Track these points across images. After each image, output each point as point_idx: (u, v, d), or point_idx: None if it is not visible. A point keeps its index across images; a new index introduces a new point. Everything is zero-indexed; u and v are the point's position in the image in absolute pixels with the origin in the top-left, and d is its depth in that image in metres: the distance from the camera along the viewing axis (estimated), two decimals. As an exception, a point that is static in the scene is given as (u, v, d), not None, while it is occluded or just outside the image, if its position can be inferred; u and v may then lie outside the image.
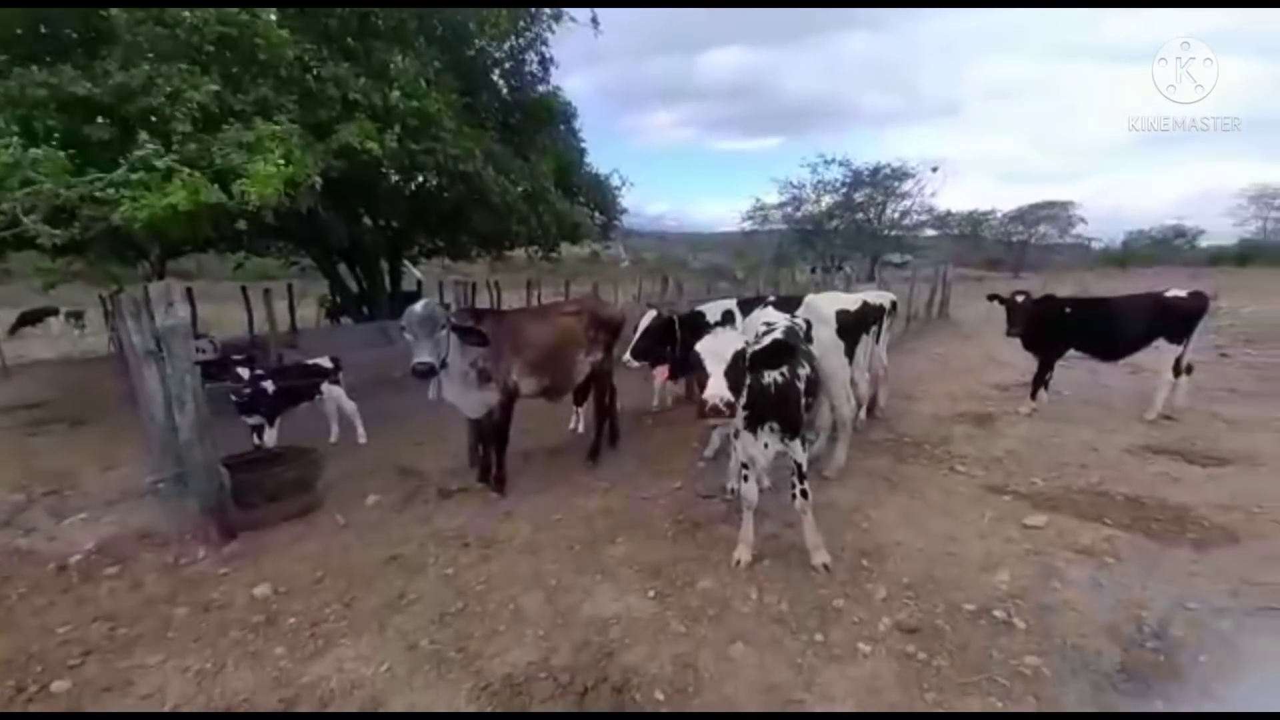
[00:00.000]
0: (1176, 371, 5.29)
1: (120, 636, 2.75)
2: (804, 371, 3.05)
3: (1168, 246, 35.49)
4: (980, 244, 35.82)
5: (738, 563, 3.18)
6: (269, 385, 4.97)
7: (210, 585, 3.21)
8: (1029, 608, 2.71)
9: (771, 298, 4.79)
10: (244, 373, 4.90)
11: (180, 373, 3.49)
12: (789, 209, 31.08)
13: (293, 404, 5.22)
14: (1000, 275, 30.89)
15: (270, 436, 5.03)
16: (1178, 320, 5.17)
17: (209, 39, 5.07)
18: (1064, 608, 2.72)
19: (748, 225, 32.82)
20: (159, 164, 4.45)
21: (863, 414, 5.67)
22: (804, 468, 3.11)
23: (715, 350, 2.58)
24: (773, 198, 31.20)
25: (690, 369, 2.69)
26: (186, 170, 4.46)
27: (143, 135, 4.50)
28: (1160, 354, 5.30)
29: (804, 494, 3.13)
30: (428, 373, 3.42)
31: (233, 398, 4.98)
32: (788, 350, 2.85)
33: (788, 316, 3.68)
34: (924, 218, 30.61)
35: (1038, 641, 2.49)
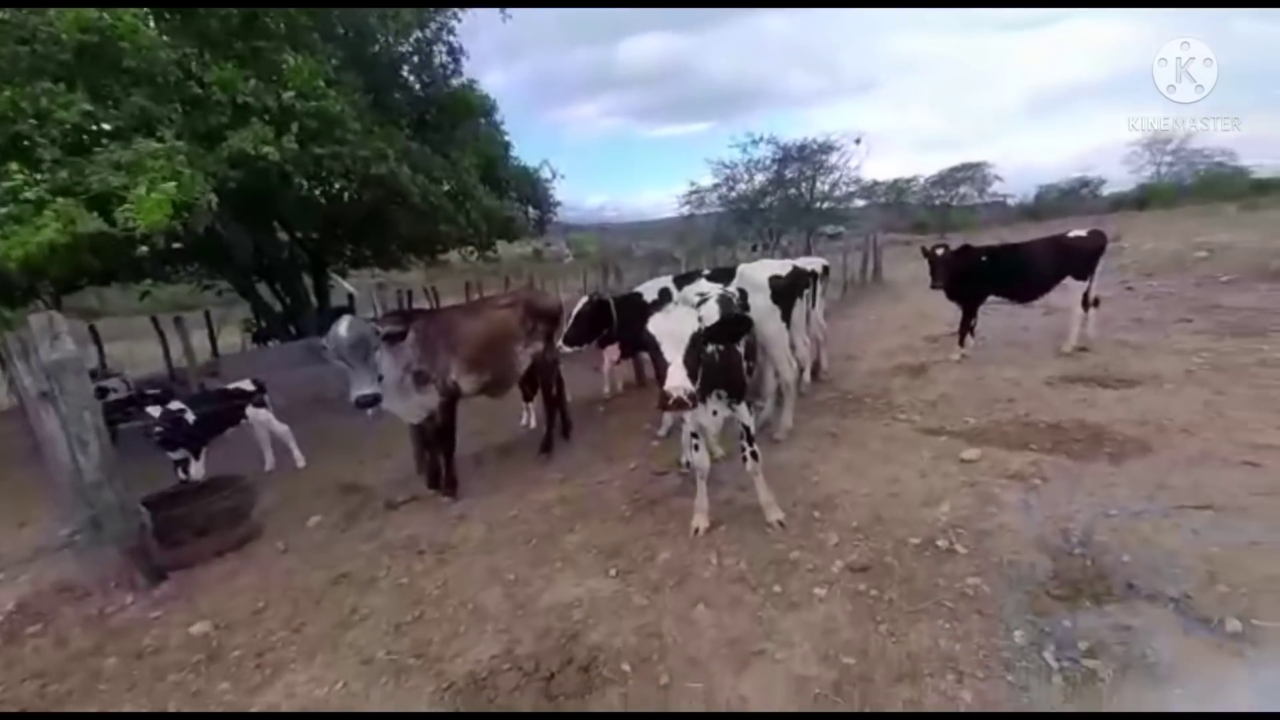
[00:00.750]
0: (1085, 306, 5.69)
1: (51, 694, 2.57)
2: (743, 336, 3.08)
3: (1075, 197, 38.02)
4: (906, 210, 37.35)
5: (696, 531, 3.20)
6: (188, 416, 4.64)
7: (141, 631, 2.99)
8: (968, 534, 2.86)
9: (706, 270, 4.81)
10: (154, 410, 4.56)
11: (77, 410, 3.21)
12: (724, 190, 31.48)
13: (216, 433, 4.90)
14: (928, 238, 32.36)
15: (197, 469, 4.72)
16: (1080, 258, 5.55)
17: (68, 49, 4.62)
18: (1000, 530, 2.87)
19: (686, 209, 33.05)
20: (29, 195, 4.06)
21: (807, 376, 5.82)
22: (752, 430, 3.16)
23: (671, 331, 2.47)
24: (707, 180, 31.49)
25: (643, 349, 2.63)
26: (59, 200, 4.07)
27: (12, 165, 4.09)
28: (1069, 291, 5.68)
29: (754, 455, 3.17)
30: (373, 403, 3.24)
31: (152, 433, 4.64)
32: (744, 323, 2.82)
33: (720, 286, 3.71)
34: (852, 189, 31.54)
35: (977, 564, 2.62)
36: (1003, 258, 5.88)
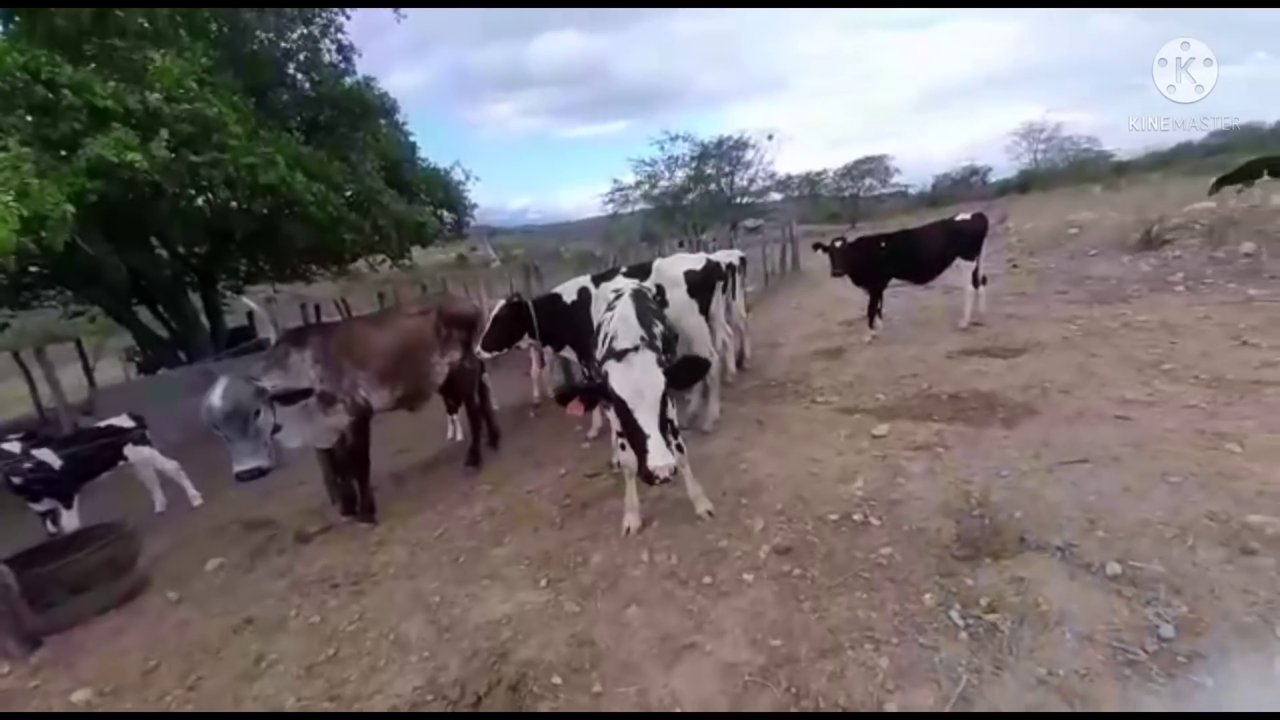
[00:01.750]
0: (975, 283, 6.16)
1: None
2: (659, 330, 3.06)
3: (966, 184, 41.35)
4: (819, 201, 39.30)
5: (628, 531, 3.17)
6: (53, 461, 4.11)
7: (20, 701, 2.68)
8: (880, 505, 3.00)
9: (623, 268, 4.79)
10: (12, 447, 4.02)
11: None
12: (647, 187, 31.86)
13: (88, 477, 4.37)
14: (839, 226, 34.14)
15: (70, 520, 4.20)
16: (967, 239, 6.01)
17: None
18: (908, 499, 3.04)
19: (610, 208, 33.20)
20: None
21: (732, 366, 5.96)
22: (676, 423, 3.16)
23: (642, 391, 2.33)
24: (630, 178, 31.77)
25: (608, 404, 2.46)
26: None
27: None
28: (961, 271, 6.12)
29: (679, 449, 3.17)
30: (257, 477, 2.98)
31: (11, 482, 4.08)
32: (702, 365, 2.75)
33: (635, 282, 3.69)
34: (768, 183, 32.98)
35: (889, 533, 2.76)
36: (899, 243, 6.27)
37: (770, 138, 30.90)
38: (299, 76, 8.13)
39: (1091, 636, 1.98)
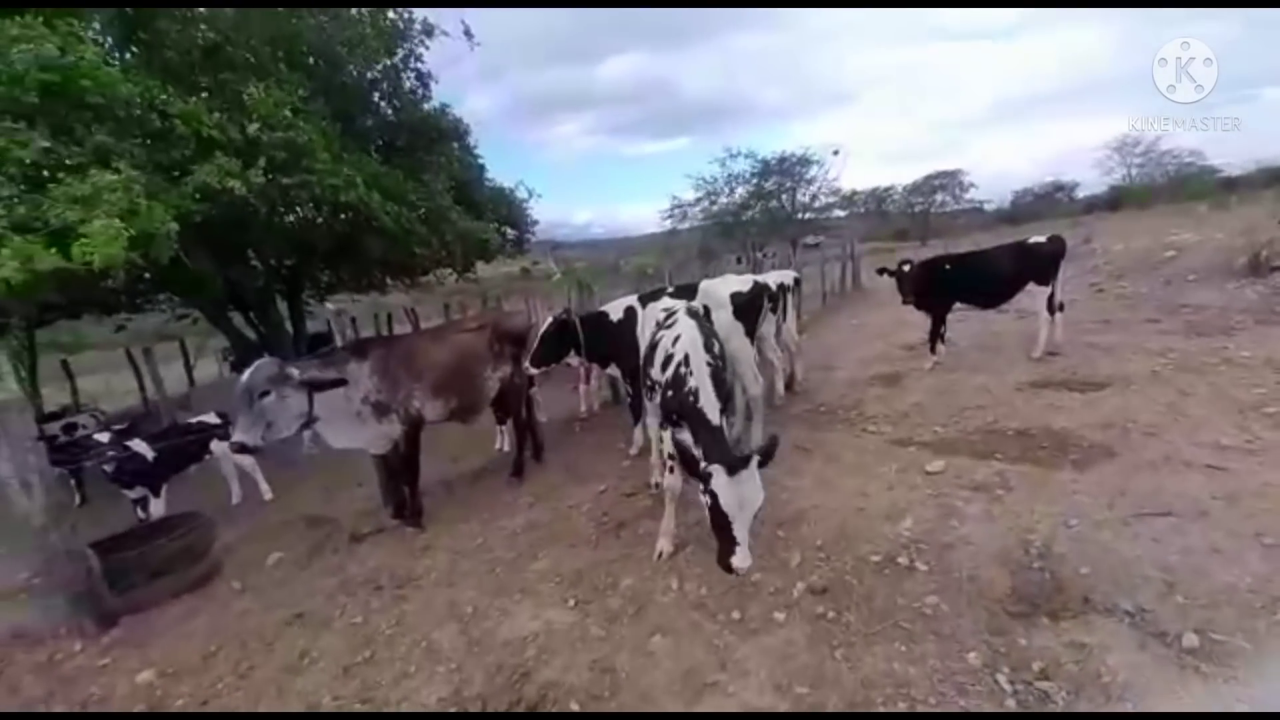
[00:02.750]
0: (1050, 310, 5.73)
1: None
2: (719, 350, 3.04)
3: (1050, 200, 38.75)
4: (887, 218, 37.90)
5: (659, 555, 3.15)
6: (145, 452, 4.54)
7: (89, 679, 2.90)
8: (930, 549, 2.82)
9: (670, 288, 4.80)
10: (103, 438, 4.47)
11: (20, 453, 3.12)
12: (706, 204, 31.84)
13: (177, 469, 4.80)
14: (908, 244, 32.81)
15: (157, 507, 4.62)
16: (1041, 263, 5.61)
17: (30, 89, 4.58)
18: (961, 544, 2.84)
19: (669, 224, 33.39)
20: None
21: (781, 389, 5.82)
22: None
23: (743, 505, 2.32)
24: (689, 194, 31.89)
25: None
26: (18, 237, 4.01)
27: None
28: (1034, 297, 5.73)
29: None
30: (243, 450, 3.22)
31: (109, 471, 4.55)
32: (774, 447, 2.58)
33: (685, 302, 3.70)
34: (832, 199, 32.13)
35: (937, 580, 2.59)
36: (966, 266, 5.93)
37: (836, 153, 30.20)
38: (382, 104, 8.72)
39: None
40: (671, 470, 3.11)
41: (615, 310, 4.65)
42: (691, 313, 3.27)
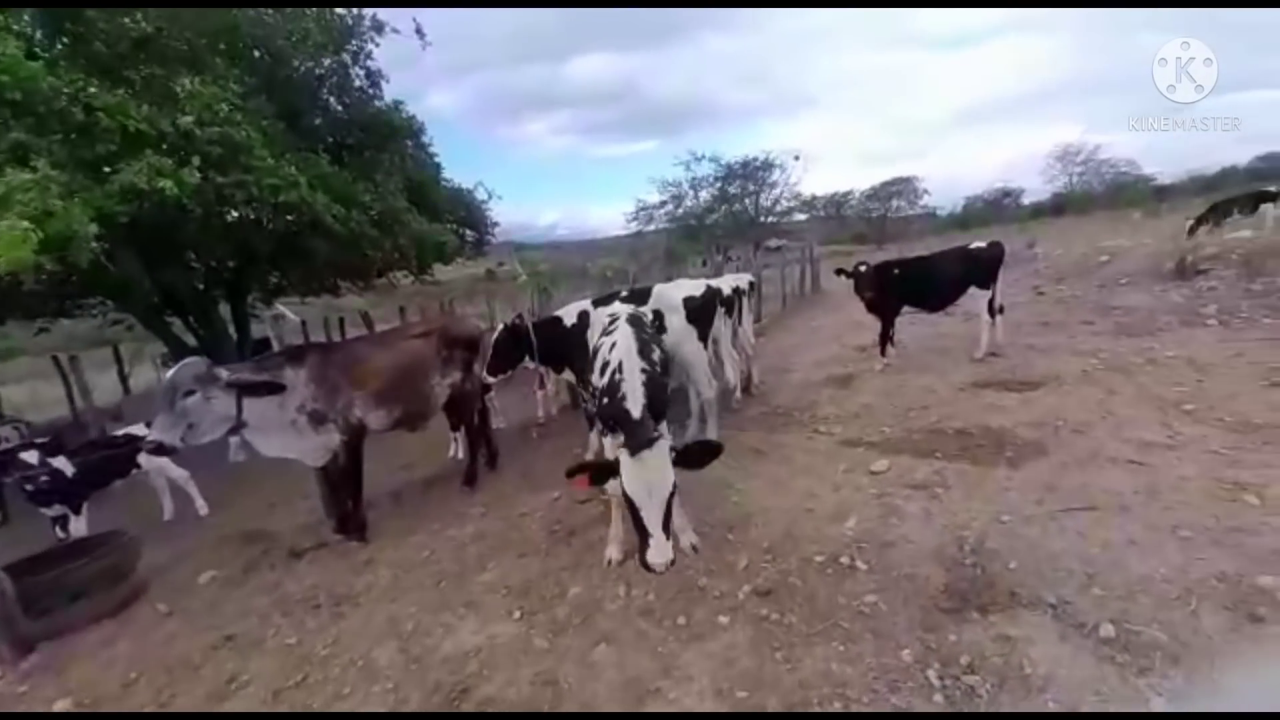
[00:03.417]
0: (991, 312, 5.97)
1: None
2: (658, 356, 3.02)
3: (998, 207, 40.47)
4: (846, 222, 38.90)
5: (609, 563, 3.12)
6: (65, 468, 4.26)
7: (6, 707, 2.75)
8: (871, 548, 2.88)
9: (624, 292, 4.78)
10: (30, 456, 4.18)
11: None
12: (671, 206, 32.06)
13: (101, 485, 4.51)
14: (866, 248, 33.75)
15: (78, 526, 4.34)
16: (982, 267, 5.84)
17: None
18: (901, 542, 2.91)
19: (634, 226, 33.47)
20: None
21: (738, 392, 5.88)
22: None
23: (652, 491, 2.23)
24: (654, 197, 32.05)
25: (607, 479, 2.37)
26: None
27: None
28: (976, 300, 5.95)
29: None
30: (157, 452, 3.07)
31: (26, 489, 4.25)
32: (715, 450, 2.52)
33: (632, 307, 3.68)
34: (793, 203, 32.81)
35: (877, 579, 2.64)
36: (912, 270, 6.13)
37: (796, 158, 30.85)
38: (330, 100, 8.46)
39: (1076, 707, 1.85)
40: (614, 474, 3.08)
41: (569, 315, 4.60)
42: (632, 320, 3.23)
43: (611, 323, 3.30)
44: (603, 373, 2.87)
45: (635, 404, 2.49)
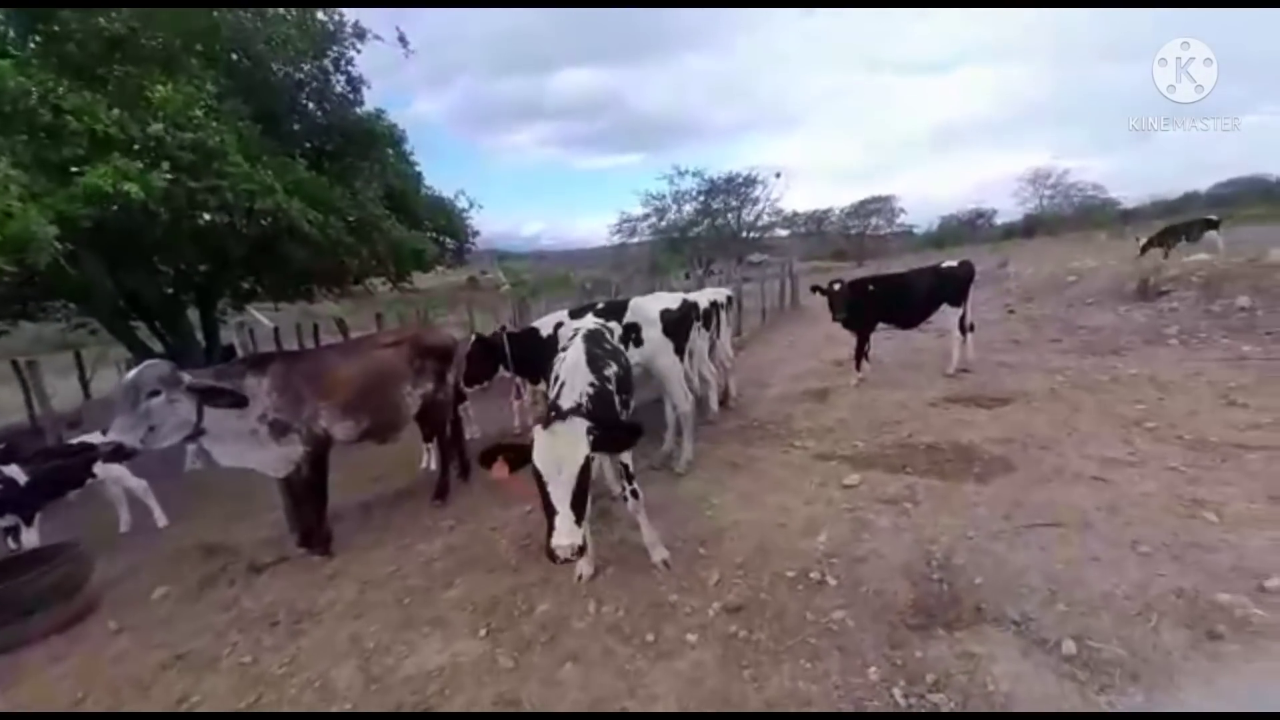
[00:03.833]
0: (963, 329, 6.10)
1: None
2: (612, 371, 3.02)
3: (973, 226, 41.62)
4: (826, 239, 39.61)
5: (579, 578, 3.08)
6: (18, 477, 4.09)
7: None
8: (841, 563, 2.89)
9: (600, 304, 4.78)
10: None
11: None
12: (654, 219, 32.33)
13: (54, 495, 4.34)
14: (845, 265, 34.35)
15: (29, 537, 4.15)
16: (953, 286, 5.98)
17: None
18: (871, 557, 2.92)
19: (617, 238, 33.66)
20: None
21: (715, 405, 5.89)
22: (630, 468, 3.07)
23: (559, 464, 2.16)
24: (638, 210, 32.31)
25: (527, 465, 2.27)
26: None
27: None
28: (947, 317, 6.08)
29: (634, 494, 3.09)
30: (116, 455, 2.96)
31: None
32: (634, 432, 2.52)
33: (594, 320, 3.68)
34: (774, 219, 33.34)
35: (845, 595, 2.64)
36: (886, 287, 6.24)
37: (778, 175, 31.41)
38: (310, 106, 8.36)
39: (1038, 724, 1.86)
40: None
41: (545, 326, 4.59)
42: (588, 336, 3.21)
43: (572, 337, 3.30)
44: (553, 384, 2.87)
45: (567, 402, 2.49)
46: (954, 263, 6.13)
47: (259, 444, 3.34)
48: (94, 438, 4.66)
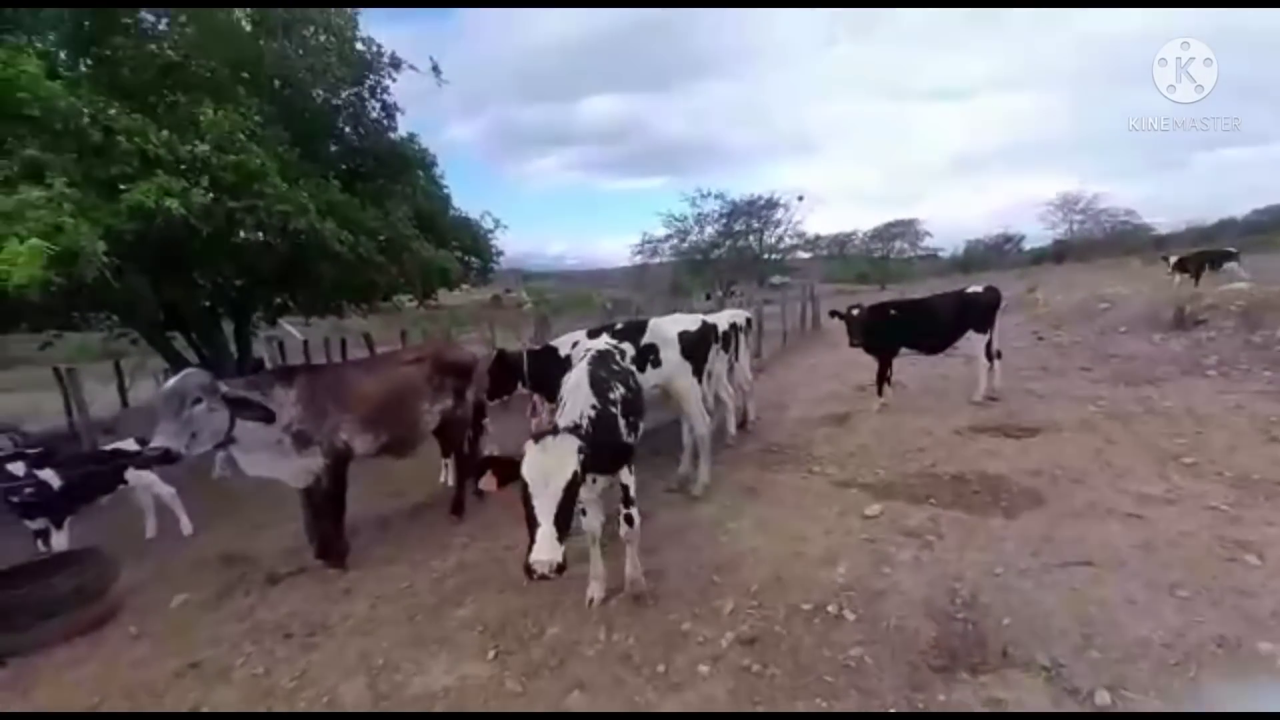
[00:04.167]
0: (989, 356, 5.95)
1: None
2: (618, 394, 2.96)
3: (999, 251, 40.98)
4: (849, 262, 39.40)
5: (590, 602, 3.03)
6: (52, 481, 4.22)
7: None
8: (860, 597, 2.80)
9: (619, 325, 4.80)
10: (17, 469, 4.15)
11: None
12: (676, 240, 32.59)
13: (86, 500, 4.45)
14: (869, 288, 34.04)
15: (59, 540, 4.26)
16: (979, 312, 5.86)
17: None
18: (891, 591, 2.83)
19: (639, 259, 33.99)
20: None
21: (733, 428, 5.83)
22: (632, 492, 2.95)
23: (546, 478, 2.14)
24: (660, 231, 32.63)
25: (517, 478, 2.24)
26: None
27: None
28: (973, 343, 5.95)
29: (629, 520, 2.93)
30: (161, 459, 3.00)
31: (10, 500, 4.19)
32: (624, 452, 2.57)
33: (606, 341, 3.70)
34: (796, 241, 33.35)
35: (865, 630, 2.56)
36: (909, 312, 6.14)
37: (800, 198, 31.52)
38: (346, 130, 8.68)
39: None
40: (584, 512, 2.98)
41: (564, 344, 4.62)
42: (595, 358, 3.19)
43: (582, 357, 3.31)
44: (559, 404, 2.89)
45: (566, 421, 2.50)
46: (979, 287, 6.02)
47: (282, 454, 3.41)
48: (128, 445, 4.80)
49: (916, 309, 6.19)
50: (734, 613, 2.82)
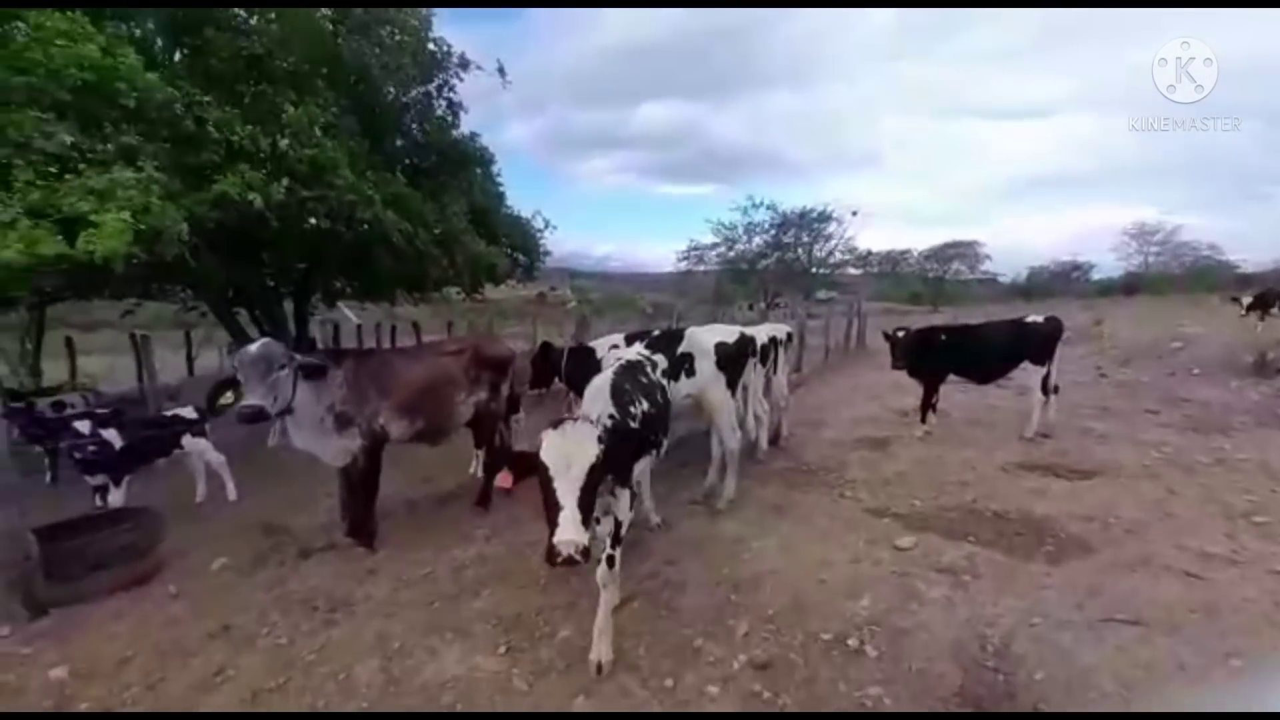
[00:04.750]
0: (1045, 391, 5.63)
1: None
2: (640, 409, 2.89)
3: (1065, 279, 38.90)
4: (901, 280, 38.18)
5: (598, 668, 2.99)
6: (115, 440, 4.51)
7: (7, 666, 2.85)
8: (884, 633, 2.68)
9: (656, 332, 4.78)
10: (84, 427, 4.46)
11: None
12: (723, 249, 32.33)
13: (145, 460, 4.75)
14: (921, 308, 32.91)
15: (116, 497, 4.55)
16: (1037, 343, 5.55)
17: (66, 85, 4.78)
18: (918, 630, 2.70)
19: (684, 265, 33.89)
20: (2, 215, 4.12)
21: (764, 444, 5.71)
22: (622, 530, 2.71)
23: (566, 462, 2.08)
24: (707, 239, 32.45)
25: (534, 475, 2.20)
26: (28, 221, 4.13)
27: None
28: (1028, 375, 5.64)
29: (610, 561, 2.65)
30: (254, 417, 3.16)
31: (74, 455, 4.51)
32: (634, 435, 2.55)
33: (638, 351, 3.67)
34: (847, 257, 32.53)
35: (885, 669, 2.45)
36: (961, 338, 5.88)
37: (854, 214, 30.72)
38: (412, 126, 9.02)
39: None
40: (598, 521, 2.94)
41: (601, 346, 4.65)
42: (624, 367, 3.16)
43: (616, 363, 3.30)
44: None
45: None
46: (1039, 317, 5.71)
47: (324, 432, 3.55)
48: (186, 411, 5.10)
49: (969, 335, 5.93)
50: (749, 635, 2.75)
